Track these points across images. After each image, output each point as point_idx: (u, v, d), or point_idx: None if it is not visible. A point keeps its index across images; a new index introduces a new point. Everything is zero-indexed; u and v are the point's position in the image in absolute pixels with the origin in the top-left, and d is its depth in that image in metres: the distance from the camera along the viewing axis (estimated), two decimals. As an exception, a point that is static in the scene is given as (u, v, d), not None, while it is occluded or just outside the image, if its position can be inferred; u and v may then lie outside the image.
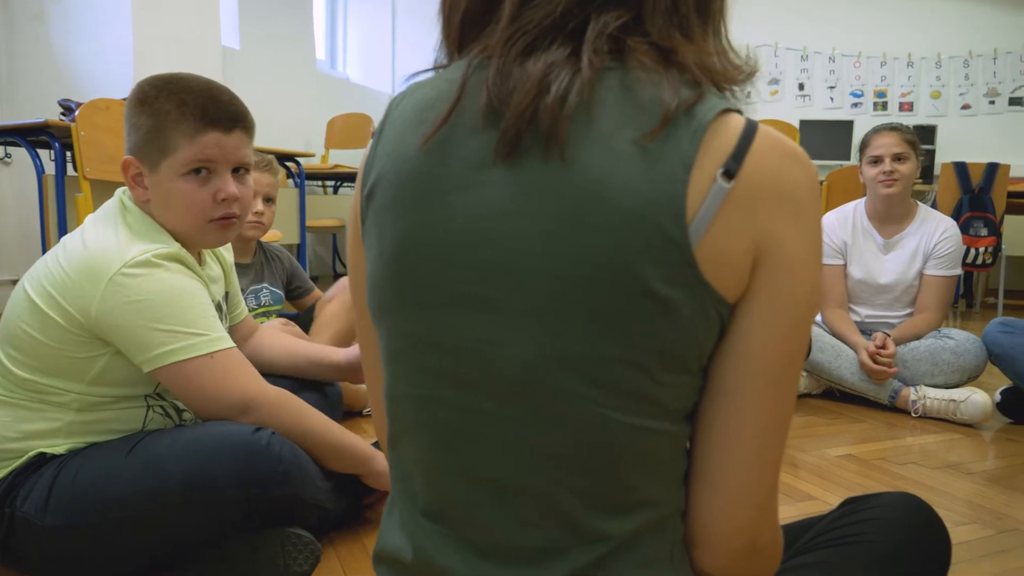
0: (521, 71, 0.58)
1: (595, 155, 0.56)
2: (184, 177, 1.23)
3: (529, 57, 0.58)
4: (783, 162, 0.59)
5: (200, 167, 1.24)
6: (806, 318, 0.61)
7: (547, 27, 0.59)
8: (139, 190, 1.25)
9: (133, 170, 1.25)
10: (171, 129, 1.21)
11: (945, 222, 2.56)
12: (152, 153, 1.23)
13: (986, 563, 1.37)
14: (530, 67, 0.58)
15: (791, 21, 6.23)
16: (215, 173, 1.26)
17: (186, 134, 1.21)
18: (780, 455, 0.64)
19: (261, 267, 2.22)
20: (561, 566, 0.61)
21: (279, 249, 2.32)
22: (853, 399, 2.52)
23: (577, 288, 0.56)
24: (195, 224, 1.27)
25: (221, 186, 1.26)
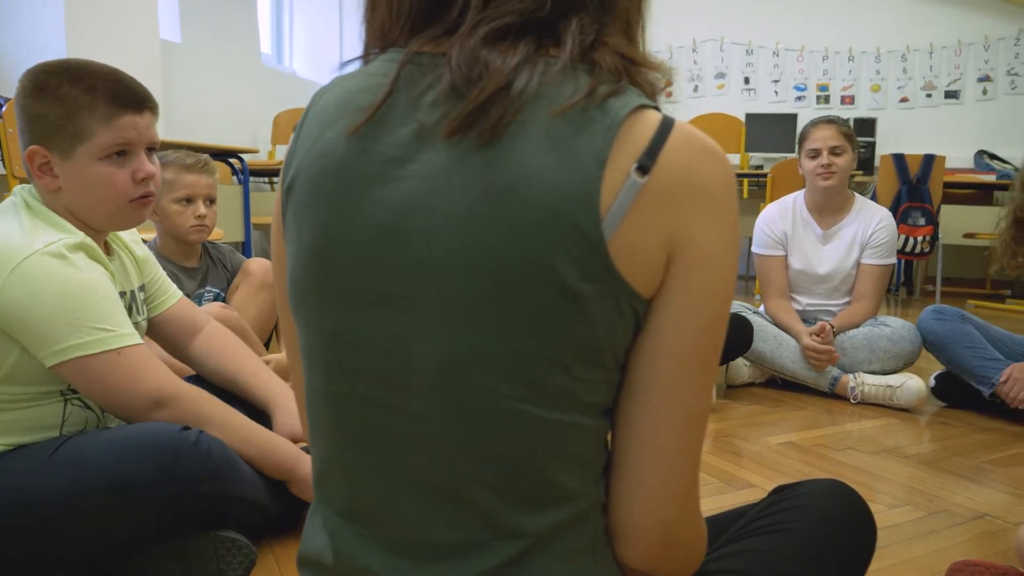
0: (486, 60, 0.57)
1: (516, 151, 0.56)
2: (103, 161, 1.23)
3: (494, 47, 0.58)
4: (698, 158, 0.59)
5: (121, 149, 1.24)
6: (721, 313, 0.61)
7: (515, 21, 0.58)
8: (47, 179, 1.23)
9: (39, 159, 1.22)
10: (83, 115, 1.20)
11: (880, 212, 2.62)
12: (64, 140, 1.21)
13: (917, 544, 1.41)
14: (489, 59, 0.57)
15: (736, 16, 6.33)
16: (132, 154, 1.26)
17: (101, 119, 1.21)
18: (698, 448, 0.64)
19: (207, 270, 2.17)
20: (480, 562, 0.60)
21: (224, 247, 2.28)
22: (795, 387, 2.57)
23: (491, 283, 0.56)
24: (115, 205, 1.26)
25: (139, 166, 1.26)
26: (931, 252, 4.72)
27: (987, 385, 2.27)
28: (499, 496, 0.60)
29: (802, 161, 2.62)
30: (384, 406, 0.61)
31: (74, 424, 1.23)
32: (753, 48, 6.35)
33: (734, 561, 0.82)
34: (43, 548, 1.13)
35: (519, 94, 0.56)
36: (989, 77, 5.95)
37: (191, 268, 2.12)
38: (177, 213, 2.01)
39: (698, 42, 6.45)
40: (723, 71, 6.43)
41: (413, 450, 0.61)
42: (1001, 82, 5.92)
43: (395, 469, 0.62)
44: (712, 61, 6.45)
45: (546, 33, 0.59)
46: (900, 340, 2.45)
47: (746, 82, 6.39)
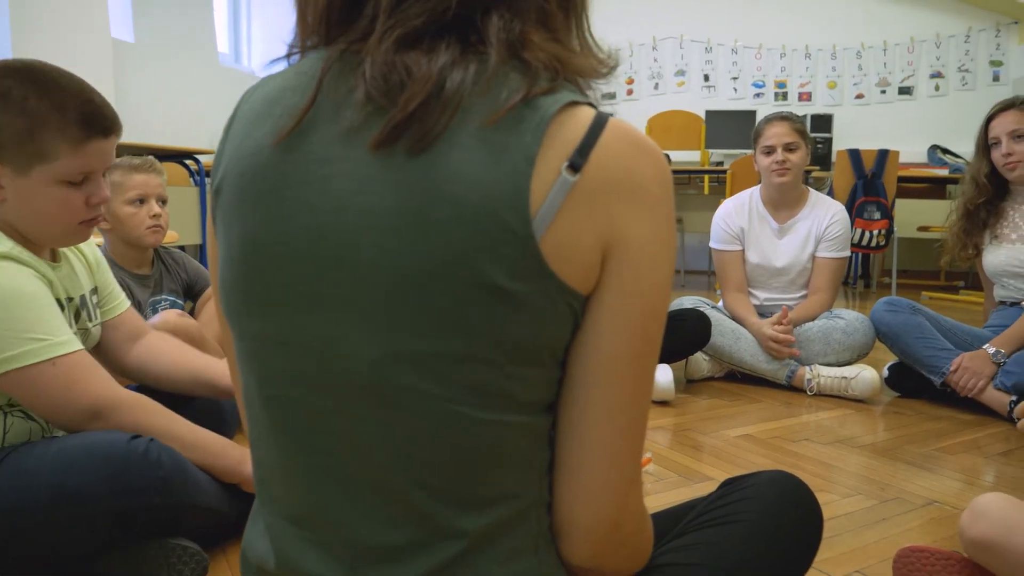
0: (405, 65, 0.56)
1: (446, 151, 0.55)
2: (60, 183, 1.17)
3: (411, 51, 0.57)
4: (632, 155, 0.59)
5: (83, 177, 1.19)
6: (658, 308, 0.61)
7: (427, 23, 0.58)
8: None
9: None
10: (50, 135, 1.14)
11: (834, 207, 2.67)
12: (20, 156, 1.15)
13: (867, 532, 1.44)
14: (417, 62, 0.56)
15: (695, 14, 6.39)
16: (90, 179, 1.21)
17: (69, 143, 1.15)
18: (639, 444, 0.65)
19: (160, 277, 2.12)
20: (420, 564, 0.60)
21: (177, 253, 2.23)
22: (753, 380, 2.61)
23: (420, 284, 0.55)
24: (63, 227, 1.21)
25: (96, 191, 1.21)
26: (887, 245, 4.81)
27: (938, 375, 2.32)
28: (437, 497, 0.59)
29: (757, 158, 2.65)
30: (319, 409, 0.60)
31: (17, 436, 1.20)
32: (712, 46, 6.42)
33: (683, 554, 0.82)
34: None
35: (450, 100, 0.55)
36: (941, 73, 6.09)
37: (144, 276, 2.07)
38: (131, 215, 1.96)
39: (658, 40, 6.50)
40: (683, 68, 6.49)
41: (350, 453, 0.60)
42: (952, 78, 6.06)
43: (333, 472, 0.61)
44: (672, 59, 6.51)
45: (469, 31, 0.59)
46: (854, 332, 2.50)
47: (706, 79, 6.45)
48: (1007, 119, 2.32)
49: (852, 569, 1.28)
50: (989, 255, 2.44)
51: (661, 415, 2.24)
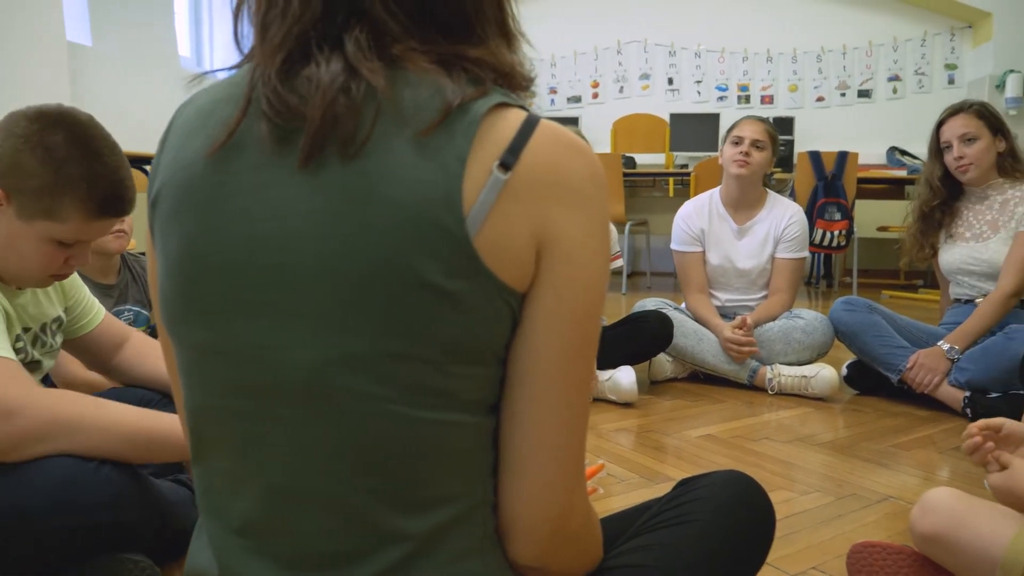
0: (301, 83, 0.57)
1: (380, 154, 0.56)
2: (52, 241, 1.17)
3: (301, 67, 0.58)
4: (563, 154, 0.60)
5: (75, 241, 1.20)
6: (593, 306, 0.62)
7: (305, 42, 0.58)
8: None
9: None
10: (69, 202, 1.14)
11: (792, 208, 2.70)
12: (30, 204, 1.14)
13: (824, 528, 1.46)
14: (313, 76, 0.57)
15: (659, 19, 6.44)
16: (80, 243, 1.22)
17: (83, 215, 1.16)
18: (581, 440, 0.65)
19: (126, 286, 2.08)
20: (365, 569, 0.60)
21: (144, 260, 2.19)
22: (716, 380, 2.63)
23: (356, 287, 0.56)
24: (34, 275, 1.21)
25: (80, 257, 1.22)
26: (847, 245, 4.89)
27: (894, 372, 2.36)
28: (380, 501, 0.59)
29: (724, 148, 2.67)
30: (260, 417, 0.60)
31: None
32: (676, 50, 6.48)
33: (636, 555, 0.82)
34: None
35: (362, 106, 0.56)
36: (898, 76, 6.21)
37: (108, 286, 2.02)
38: None
39: (622, 44, 6.54)
40: (647, 72, 6.54)
41: (292, 459, 0.60)
42: (910, 81, 6.19)
43: (275, 480, 0.61)
44: (636, 62, 6.56)
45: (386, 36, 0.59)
46: (813, 331, 2.53)
47: (670, 83, 6.51)
48: (956, 123, 2.37)
49: (809, 566, 1.30)
50: (945, 254, 2.49)
51: (624, 417, 2.25)
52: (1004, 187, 2.38)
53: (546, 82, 6.66)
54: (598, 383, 2.34)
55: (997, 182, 2.38)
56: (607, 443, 1.99)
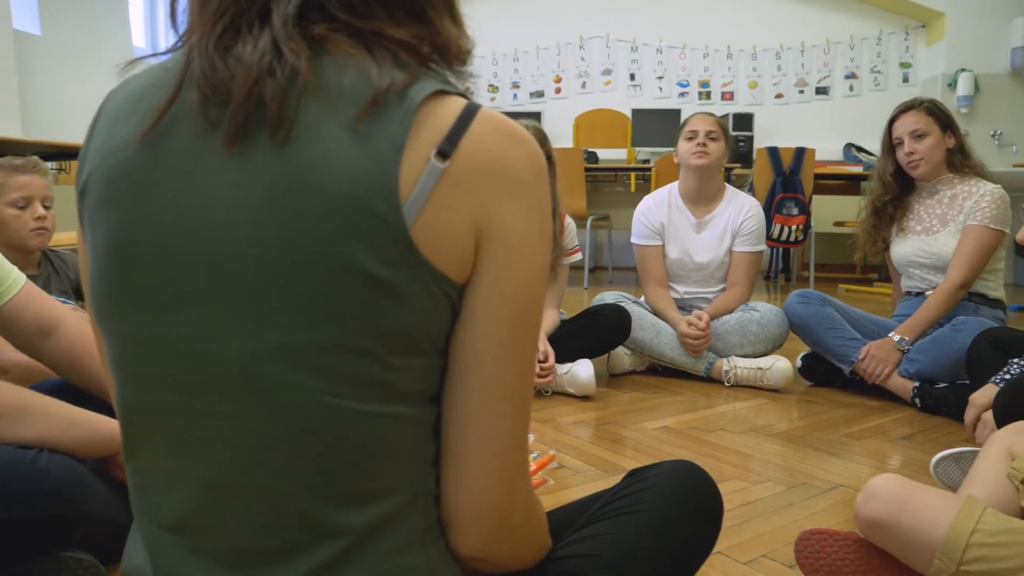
0: (231, 60, 0.56)
1: (310, 140, 0.55)
2: None
3: (235, 42, 0.57)
4: (502, 143, 0.59)
5: None
6: (533, 296, 0.62)
7: (236, 15, 0.57)
8: None
9: None
10: None
11: (749, 202, 2.74)
12: None
13: (775, 517, 1.48)
14: (241, 54, 0.56)
15: (621, 15, 6.47)
16: None
17: None
18: (523, 432, 0.65)
19: (48, 278, 2.03)
20: (303, 564, 0.59)
21: (67, 254, 2.14)
22: (674, 373, 2.65)
23: (290, 276, 0.55)
24: None
25: None
26: (805, 240, 4.97)
27: (847, 363, 2.41)
28: (318, 494, 0.58)
29: (679, 146, 2.70)
30: (193, 412, 0.59)
31: None
32: (638, 45, 6.52)
33: (584, 545, 0.82)
34: None
35: (286, 89, 0.55)
36: (855, 74, 6.33)
37: (31, 276, 1.98)
38: (14, 217, 1.88)
39: (585, 39, 6.56)
40: (609, 67, 6.57)
41: (227, 454, 0.59)
42: (866, 79, 6.30)
43: (210, 475, 0.60)
44: (599, 58, 6.58)
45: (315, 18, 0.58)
46: (769, 324, 2.57)
47: (632, 78, 6.55)
48: (908, 120, 2.42)
49: (759, 553, 1.32)
50: (896, 247, 2.54)
51: (582, 410, 2.26)
52: (953, 182, 2.43)
53: (509, 77, 6.66)
54: (556, 376, 2.35)
55: (946, 177, 2.44)
56: (565, 436, 2.00)
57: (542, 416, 2.17)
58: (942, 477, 1.61)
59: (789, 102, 6.39)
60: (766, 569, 1.26)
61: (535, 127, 2.42)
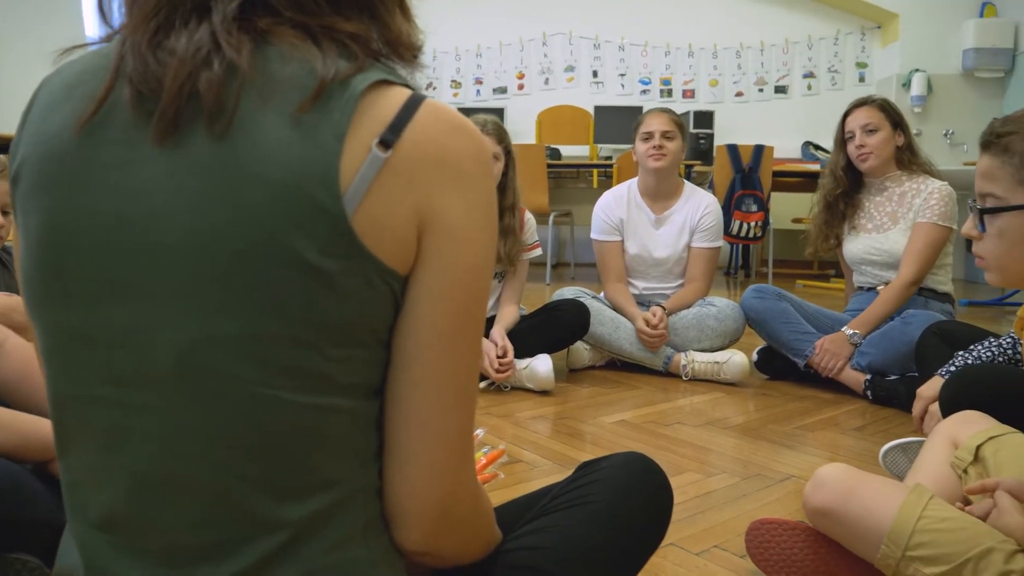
0: (164, 54, 0.56)
1: (250, 130, 0.55)
2: None
3: (168, 37, 0.56)
4: (447, 133, 0.59)
5: None
6: (477, 288, 0.62)
7: (171, 11, 0.57)
8: None
9: None
10: None
11: (707, 198, 2.77)
12: None
13: (728, 508, 1.50)
14: (175, 47, 0.55)
15: (583, 11, 6.49)
16: None
17: None
18: (467, 424, 0.65)
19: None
20: (239, 560, 0.58)
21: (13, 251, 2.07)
22: (633, 368, 2.67)
23: (228, 266, 0.54)
24: None
25: None
26: (763, 236, 5.04)
27: (801, 357, 2.45)
28: (256, 488, 0.57)
29: (636, 146, 2.72)
30: (127, 405, 0.57)
31: None
32: (600, 43, 6.54)
33: (533, 538, 0.82)
34: None
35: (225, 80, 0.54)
36: (813, 74, 6.43)
37: None
38: None
39: (548, 35, 6.57)
40: (572, 64, 6.59)
41: (161, 448, 0.57)
42: (823, 78, 6.41)
43: (143, 470, 0.58)
44: (562, 54, 6.59)
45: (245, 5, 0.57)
46: (725, 318, 2.60)
47: (594, 75, 6.57)
48: (860, 114, 2.47)
49: (711, 544, 1.33)
50: (848, 244, 2.59)
51: (541, 404, 2.26)
52: (902, 179, 2.48)
53: (472, 73, 6.64)
54: (515, 371, 2.35)
55: (895, 174, 2.49)
56: (523, 431, 2.00)
57: (500, 411, 2.17)
58: (890, 467, 1.65)
59: (749, 100, 6.47)
60: (718, 559, 1.28)
61: (494, 122, 2.42)
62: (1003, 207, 1.01)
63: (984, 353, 1.72)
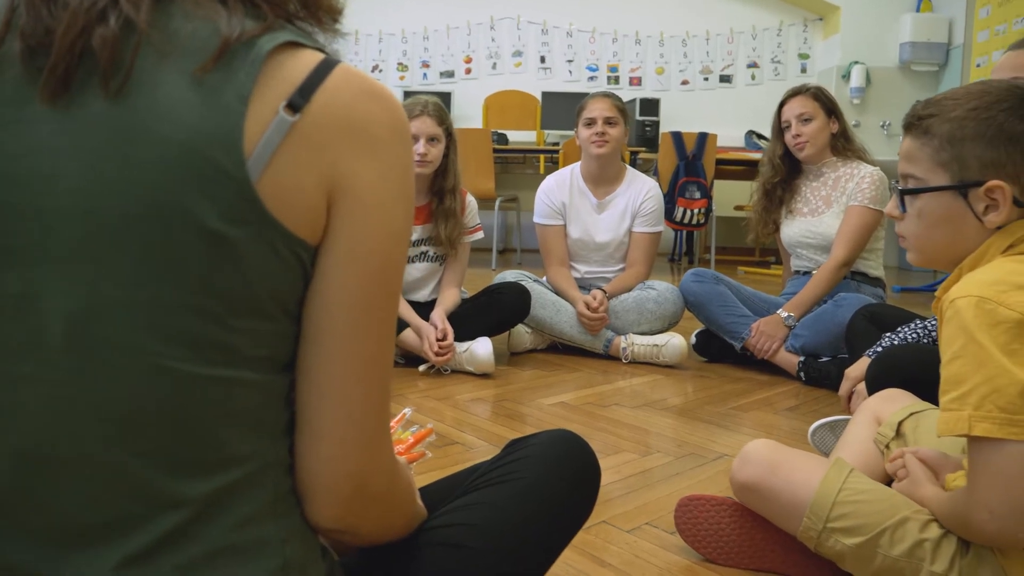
0: (58, 7, 0.53)
1: (147, 89, 0.52)
2: None
3: None
4: (360, 99, 0.58)
5: None
6: (391, 258, 0.60)
7: None
8: None
9: None
10: None
11: (648, 183, 2.79)
12: None
13: (661, 486, 1.51)
14: (70, 1, 0.53)
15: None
16: None
17: None
18: (383, 396, 0.63)
19: None
20: (138, 538, 0.55)
21: None
22: (574, 351, 2.69)
23: (123, 228, 0.52)
24: None
25: None
26: (706, 223, 5.11)
27: (738, 339, 2.49)
28: (154, 464, 0.55)
29: (579, 131, 2.72)
30: (14, 377, 0.54)
31: None
32: (548, 28, 6.53)
33: (459, 515, 0.82)
34: None
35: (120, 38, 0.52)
36: (757, 64, 6.53)
37: None
38: None
39: (495, 20, 6.53)
40: (520, 49, 6.57)
41: (48, 423, 0.54)
42: (767, 68, 6.52)
43: (28, 446, 0.55)
44: (509, 39, 6.56)
45: None
46: (665, 302, 2.63)
47: (542, 61, 6.56)
48: (795, 104, 2.51)
49: (643, 521, 1.35)
50: (785, 228, 2.64)
51: (481, 387, 2.26)
52: (837, 165, 2.54)
53: (418, 56, 6.56)
54: (455, 354, 2.34)
55: (831, 160, 2.54)
56: (463, 413, 1.99)
57: (440, 394, 2.16)
58: (818, 444, 1.69)
59: (695, 89, 6.54)
60: (649, 536, 1.29)
61: (435, 103, 2.40)
62: (922, 188, 1.03)
63: (910, 335, 1.77)
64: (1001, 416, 0.85)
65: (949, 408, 0.89)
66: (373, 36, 6.48)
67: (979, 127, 0.97)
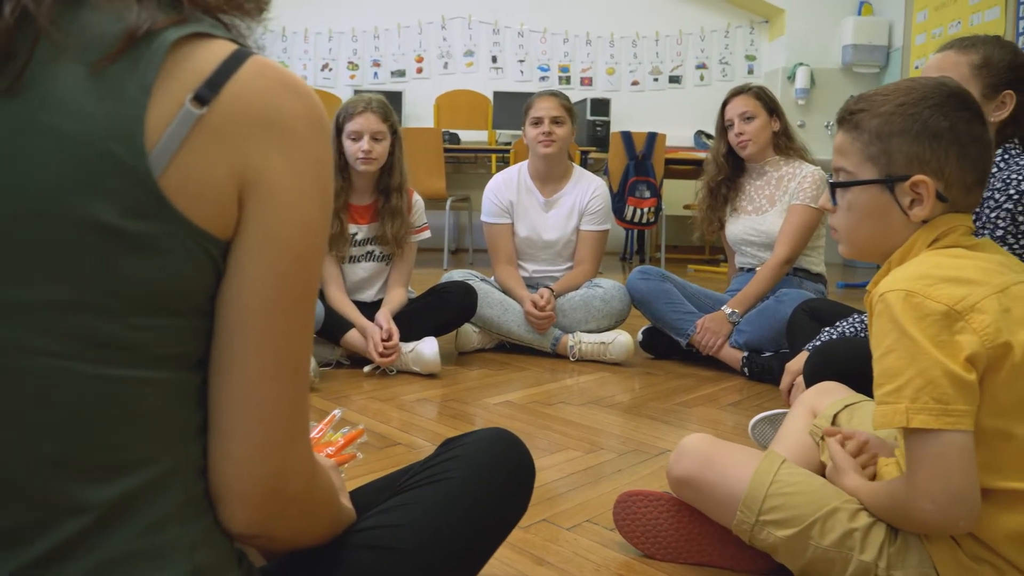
0: None
1: (43, 82, 0.50)
2: None
3: None
4: (274, 91, 0.56)
5: None
6: (306, 254, 0.59)
7: None
8: None
9: None
10: None
11: (595, 182, 2.80)
12: None
13: (603, 483, 1.51)
14: None
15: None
16: None
17: None
18: (297, 397, 0.62)
19: None
20: (37, 546, 0.53)
21: None
22: (522, 350, 2.69)
23: (10, 225, 0.50)
24: None
25: None
26: (656, 222, 5.16)
27: (683, 336, 2.51)
28: (55, 469, 0.53)
29: (526, 130, 2.72)
30: None
31: None
32: (500, 28, 6.52)
33: (387, 516, 0.80)
34: None
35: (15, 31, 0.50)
36: (705, 65, 6.62)
37: None
38: None
39: (447, 19, 6.50)
40: (472, 49, 6.55)
41: None
42: (715, 69, 6.61)
43: None
44: (461, 39, 6.54)
45: None
46: (612, 299, 2.64)
47: (493, 61, 6.55)
48: (738, 103, 2.55)
49: (583, 519, 1.34)
50: (730, 226, 2.67)
51: (427, 388, 2.24)
52: (780, 164, 2.58)
53: (369, 55, 6.50)
54: (401, 355, 2.31)
55: (774, 159, 2.58)
56: (407, 414, 1.97)
57: (385, 395, 2.14)
58: (758, 438, 1.71)
59: (644, 89, 6.60)
60: (588, 533, 1.29)
61: (379, 100, 2.37)
62: (851, 182, 1.05)
63: (848, 329, 1.80)
64: (937, 407, 0.86)
65: (885, 401, 0.90)
66: (323, 35, 6.40)
67: (905, 123, 0.99)
